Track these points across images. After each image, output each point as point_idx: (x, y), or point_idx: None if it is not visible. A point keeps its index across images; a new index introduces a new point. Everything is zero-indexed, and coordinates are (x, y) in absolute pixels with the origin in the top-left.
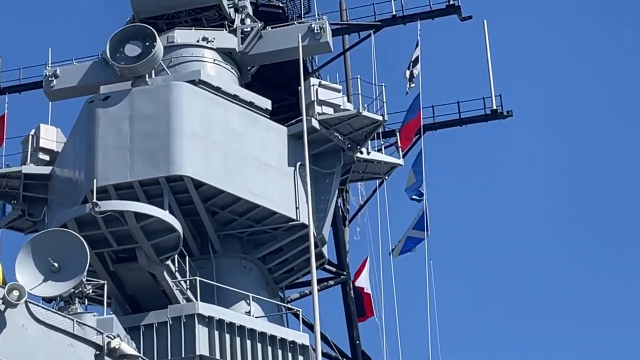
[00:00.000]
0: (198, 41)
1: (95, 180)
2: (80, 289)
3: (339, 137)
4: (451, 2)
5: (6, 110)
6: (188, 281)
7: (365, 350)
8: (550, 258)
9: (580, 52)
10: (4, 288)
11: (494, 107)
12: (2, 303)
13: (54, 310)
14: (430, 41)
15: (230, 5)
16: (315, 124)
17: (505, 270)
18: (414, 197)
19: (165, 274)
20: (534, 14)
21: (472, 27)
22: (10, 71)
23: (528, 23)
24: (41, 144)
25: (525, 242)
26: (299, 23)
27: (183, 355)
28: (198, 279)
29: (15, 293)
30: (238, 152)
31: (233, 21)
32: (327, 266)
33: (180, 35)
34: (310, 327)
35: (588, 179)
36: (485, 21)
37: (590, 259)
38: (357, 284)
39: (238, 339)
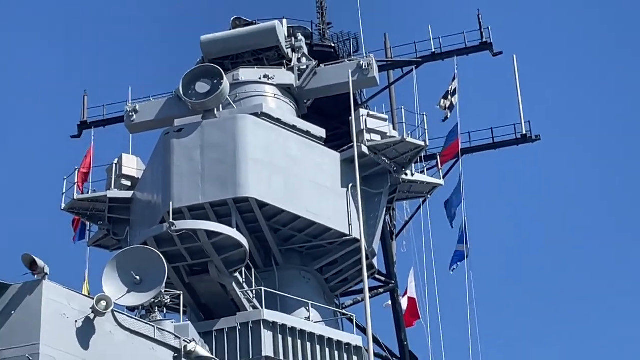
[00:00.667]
0: (260, 78)
1: (171, 202)
2: (159, 299)
3: (386, 161)
4: (484, 40)
5: (92, 142)
6: (254, 291)
7: (413, 351)
8: (582, 272)
9: (603, 79)
10: (93, 299)
11: (524, 132)
12: (92, 312)
13: (136, 318)
14: (466, 74)
15: (288, 46)
16: (364, 149)
17: (536, 286)
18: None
19: (234, 284)
20: (560, 49)
21: (503, 62)
22: (96, 107)
23: (554, 56)
24: (123, 171)
25: (557, 256)
26: (349, 60)
27: (251, 357)
28: (263, 289)
29: (103, 303)
30: (297, 175)
31: (291, 60)
32: (377, 276)
33: (244, 73)
34: (363, 330)
35: (613, 195)
36: (514, 56)
37: (623, 268)
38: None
39: (299, 341)
